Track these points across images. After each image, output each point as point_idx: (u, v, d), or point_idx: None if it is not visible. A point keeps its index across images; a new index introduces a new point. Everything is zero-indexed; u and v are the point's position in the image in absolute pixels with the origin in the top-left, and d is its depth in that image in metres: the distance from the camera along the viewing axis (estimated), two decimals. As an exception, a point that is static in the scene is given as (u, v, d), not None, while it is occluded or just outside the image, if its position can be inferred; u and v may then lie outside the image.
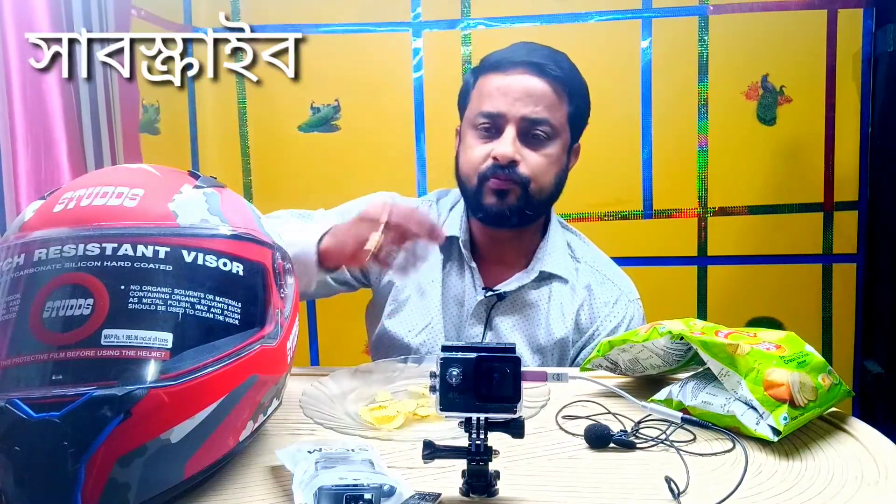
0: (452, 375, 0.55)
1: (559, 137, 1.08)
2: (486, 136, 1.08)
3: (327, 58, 1.92)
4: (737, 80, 1.83)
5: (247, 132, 1.97)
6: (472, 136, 1.09)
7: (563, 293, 1.13)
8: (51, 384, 0.52)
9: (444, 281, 1.15)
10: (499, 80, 1.07)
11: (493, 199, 1.07)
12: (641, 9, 1.84)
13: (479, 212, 1.10)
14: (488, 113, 1.07)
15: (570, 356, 1.13)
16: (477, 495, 0.56)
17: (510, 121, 1.06)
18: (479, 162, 1.07)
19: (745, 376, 0.69)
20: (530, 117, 1.05)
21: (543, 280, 1.13)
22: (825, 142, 1.83)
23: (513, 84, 1.06)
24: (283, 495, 0.59)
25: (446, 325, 1.14)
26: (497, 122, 1.07)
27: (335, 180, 1.91)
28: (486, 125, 1.07)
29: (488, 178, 1.06)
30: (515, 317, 1.13)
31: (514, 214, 1.07)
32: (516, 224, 1.09)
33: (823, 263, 1.86)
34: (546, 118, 1.06)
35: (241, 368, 0.59)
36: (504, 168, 1.05)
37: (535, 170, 1.06)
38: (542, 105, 1.06)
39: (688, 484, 0.59)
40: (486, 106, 1.07)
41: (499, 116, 1.06)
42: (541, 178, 1.07)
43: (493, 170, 1.06)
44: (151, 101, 1.79)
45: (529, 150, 1.07)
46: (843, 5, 1.78)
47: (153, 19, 1.80)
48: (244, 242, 0.63)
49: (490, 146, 1.06)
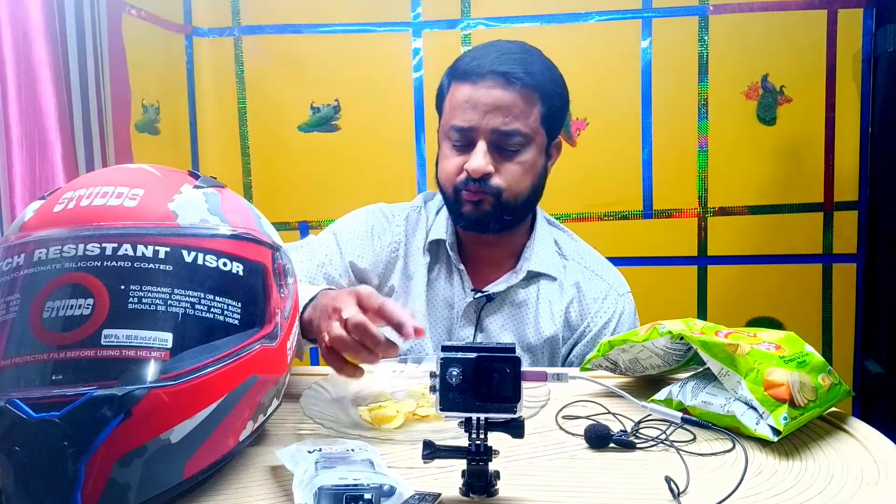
0: (452, 375, 0.55)
1: (533, 143, 1.08)
2: (459, 148, 1.08)
3: (327, 58, 1.92)
4: (737, 80, 1.84)
5: (247, 132, 1.97)
6: (447, 147, 1.10)
7: (552, 291, 1.13)
8: (51, 384, 0.52)
9: (433, 284, 1.16)
10: (468, 91, 1.06)
11: (470, 207, 1.08)
12: (641, 9, 1.84)
13: (459, 220, 1.11)
14: (459, 128, 1.07)
15: (560, 354, 1.13)
16: (477, 495, 0.56)
17: (481, 134, 1.05)
18: (454, 174, 1.08)
19: (745, 376, 0.69)
20: (500, 129, 1.05)
21: (532, 279, 1.14)
22: (825, 142, 1.83)
23: (482, 97, 1.05)
24: (283, 495, 0.59)
25: (437, 327, 1.14)
26: (468, 136, 1.07)
27: (335, 180, 1.91)
28: (458, 140, 1.08)
29: (461, 187, 1.07)
30: (505, 317, 1.13)
31: (492, 221, 1.08)
32: (497, 230, 1.10)
33: (823, 263, 1.86)
34: (517, 129, 1.05)
35: (241, 368, 0.59)
36: (476, 181, 1.05)
37: (509, 179, 1.07)
38: (512, 115, 1.05)
39: (688, 484, 0.59)
40: (457, 120, 1.07)
41: (470, 130, 1.06)
42: (515, 187, 1.08)
43: (466, 182, 1.06)
44: (151, 101, 1.79)
45: (503, 160, 1.07)
46: (843, 5, 1.79)
47: (153, 19, 1.80)
48: (244, 242, 0.63)
49: (463, 159, 1.07)
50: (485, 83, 1.06)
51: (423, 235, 1.18)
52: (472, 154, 1.06)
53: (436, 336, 1.15)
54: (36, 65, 1.25)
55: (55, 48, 1.28)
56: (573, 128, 1.88)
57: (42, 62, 1.25)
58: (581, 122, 1.88)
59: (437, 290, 1.16)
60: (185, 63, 1.94)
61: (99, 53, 1.42)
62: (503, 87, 1.05)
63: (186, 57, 1.94)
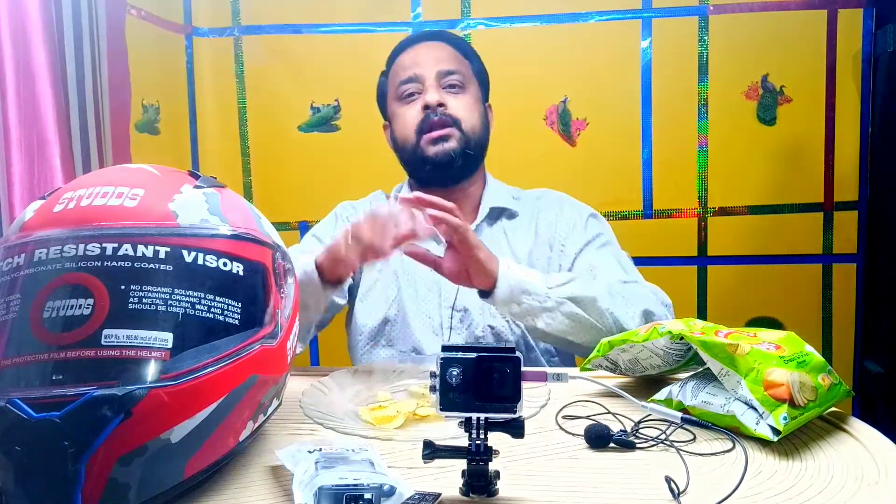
0: (452, 375, 0.55)
1: (472, 86, 1.23)
2: (411, 99, 1.20)
3: (327, 58, 1.92)
4: (737, 80, 1.83)
5: (247, 132, 1.97)
6: (399, 106, 1.21)
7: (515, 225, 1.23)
8: (51, 384, 0.52)
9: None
10: (406, 55, 1.23)
11: (435, 147, 1.17)
12: (641, 9, 1.84)
13: (425, 165, 1.18)
14: (407, 78, 1.20)
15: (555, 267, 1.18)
16: (477, 495, 0.56)
17: (428, 77, 1.19)
18: (413, 120, 1.18)
19: (744, 376, 0.69)
20: (444, 69, 1.19)
21: (495, 218, 1.23)
22: (825, 142, 1.83)
23: (420, 51, 1.22)
24: (283, 495, 0.59)
25: (419, 288, 1.19)
26: (417, 85, 1.19)
27: (335, 180, 1.91)
28: (409, 90, 1.20)
29: (425, 129, 1.17)
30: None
31: (457, 156, 1.17)
32: (461, 166, 1.18)
33: (823, 263, 1.86)
34: (456, 68, 1.20)
35: (241, 368, 0.59)
36: (435, 113, 1.16)
37: (462, 111, 1.19)
38: (449, 61, 1.21)
39: (688, 484, 0.59)
40: (402, 75, 1.20)
41: (417, 78, 1.19)
42: (469, 119, 1.19)
43: (427, 118, 1.17)
44: (151, 101, 1.79)
45: (451, 96, 1.19)
46: (843, 5, 1.78)
47: (153, 19, 1.80)
48: (244, 242, 0.63)
49: (418, 104, 1.18)
50: (422, 44, 1.24)
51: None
52: (424, 92, 1.18)
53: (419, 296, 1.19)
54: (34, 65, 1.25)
55: (53, 49, 1.28)
56: (573, 128, 1.88)
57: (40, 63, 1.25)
58: (581, 122, 1.88)
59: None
60: (185, 63, 1.93)
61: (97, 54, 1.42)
62: (438, 43, 1.24)
63: (186, 57, 1.94)
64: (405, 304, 1.18)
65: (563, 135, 1.88)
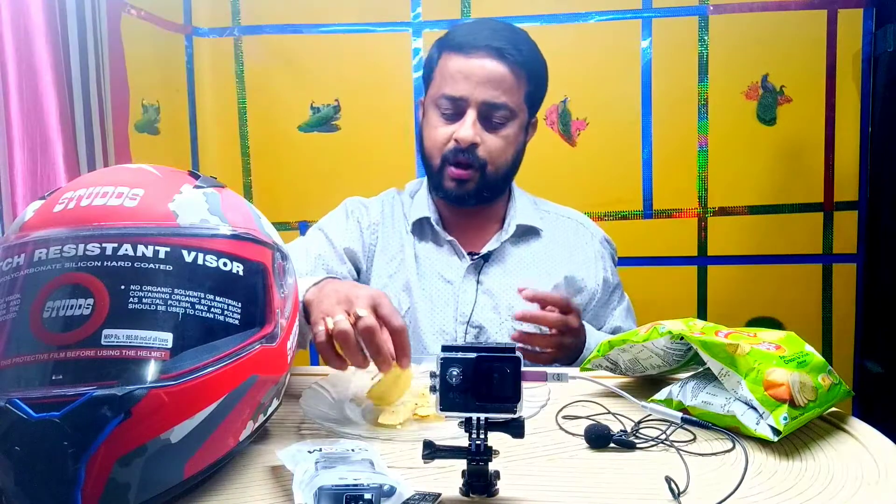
0: (452, 375, 0.55)
1: (517, 118, 1.15)
2: (448, 117, 1.14)
3: (327, 58, 1.92)
4: (737, 80, 1.84)
5: (247, 132, 1.97)
6: (435, 116, 1.15)
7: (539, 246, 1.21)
8: (51, 384, 0.52)
9: (422, 261, 1.18)
10: (461, 62, 1.11)
11: (453, 184, 1.14)
12: (641, 9, 1.84)
13: (440, 191, 1.17)
14: (451, 97, 1.12)
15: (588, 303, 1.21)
16: (477, 495, 0.56)
17: (471, 104, 1.11)
18: (443, 143, 1.14)
19: (745, 376, 0.69)
20: (490, 102, 1.11)
21: (520, 236, 1.21)
22: (825, 142, 1.83)
23: (474, 69, 1.11)
24: (283, 495, 0.59)
25: (434, 301, 1.16)
26: (459, 106, 1.12)
27: (335, 180, 1.91)
28: (448, 108, 1.13)
29: (450, 161, 1.13)
30: (504, 274, 1.18)
31: (472, 197, 1.15)
32: (475, 204, 1.17)
33: (823, 263, 1.86)
34: (505, 102, 1.11)
35: (241, 368, 0.59)
36: (464, 151, 1.11)
37: (494, 152, 1.13)
38: (501, 89, 1.11)
39: (688, 484, 0.59)
40: (448, 89, 1.12)
41: (461, 100, 1.11)
42: (498, 160, 1.14)
43: (455, 153, 1.12)
44: (151, 101, 1.78)
45: (489, 132, 1.13)
46: (843, 5, 1.78)
47: (153, 19, 1.80)
48: (244, 242, 0.63)
49: (452, 128, 1.12)
50: (478, 56, 1.11)
51: (401, 219, 1.22)
52: (461, 123, 1.11)
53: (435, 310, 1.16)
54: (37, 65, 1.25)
55: (56, 48, 1.28)
56: (573, 128, 1.88)
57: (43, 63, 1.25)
58: (581, 122, 1.88)
59: (429, 265, 1.18)
60: (185, 63, 1.93)
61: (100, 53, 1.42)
62: (496, 61, 1.11)
63: (186, 57, 1.94)
64: (418, 318, 1.16)
65: (563, 135, 1.88)
